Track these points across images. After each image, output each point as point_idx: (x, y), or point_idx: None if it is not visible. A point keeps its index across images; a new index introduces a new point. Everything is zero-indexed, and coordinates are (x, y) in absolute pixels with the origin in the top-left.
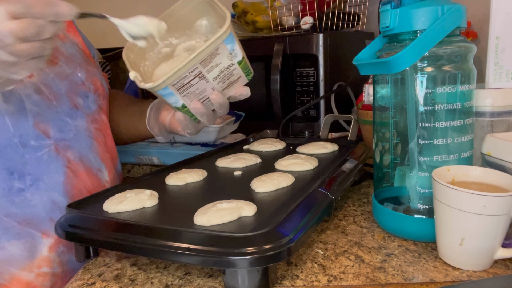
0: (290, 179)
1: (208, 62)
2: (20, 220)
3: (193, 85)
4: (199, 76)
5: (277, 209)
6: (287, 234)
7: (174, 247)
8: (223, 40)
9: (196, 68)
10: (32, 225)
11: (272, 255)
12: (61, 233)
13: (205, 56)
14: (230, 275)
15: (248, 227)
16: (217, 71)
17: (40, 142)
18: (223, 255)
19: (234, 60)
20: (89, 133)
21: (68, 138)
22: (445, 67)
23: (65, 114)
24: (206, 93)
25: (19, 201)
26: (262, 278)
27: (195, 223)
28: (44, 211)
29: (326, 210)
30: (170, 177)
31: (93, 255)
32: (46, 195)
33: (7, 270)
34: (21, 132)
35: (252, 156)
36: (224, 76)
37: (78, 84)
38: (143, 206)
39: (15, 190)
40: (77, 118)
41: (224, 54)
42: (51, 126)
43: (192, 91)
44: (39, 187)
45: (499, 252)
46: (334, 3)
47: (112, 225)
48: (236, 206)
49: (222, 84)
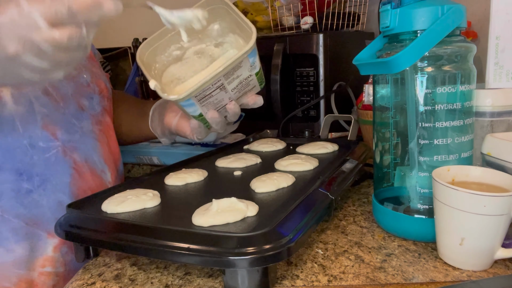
0: (290, 179)
1: (231, 74)
2: (28, 221)
3: (213, 96)
4: (220, 87)
5: (277, 209)
6: (287, 234)
7: (174, 247)
8: (248, 55)
9: (219, 80)
10: (39, 225)
11: (272, 255)
12: (61, 232)
13: (229, 69)
14: (230, 275)
15: (248, 227)
16: (237, 82)
17: (48, 144)
18: (222, 255)
19: (253, 72)
20: (93, 135)
21: (74, 140)
22: (445, 67)
23: (71, 115)
24: (223, 103)
25: (27, 202)
26: (262, 278)
27: (194, 224)
28: (51, 211)
29: (326, 210)
30: (169, 177)
31: (92, 255)
32: (53, 196)
33: (15, 273)
34: (30, 133)
35: (252, 156)
36: (242, 87)
37: (83, 86)
38: (144, 206)
39: (23, 191)
40: (83, 120)
41: (246, 67)
42: (58, 128)
43: (211, 101)
44: (47, 188)
45: (499, 252)
46: (334, 3)
47: (112, 225)
48: (239, 207)
49: (238, 94)
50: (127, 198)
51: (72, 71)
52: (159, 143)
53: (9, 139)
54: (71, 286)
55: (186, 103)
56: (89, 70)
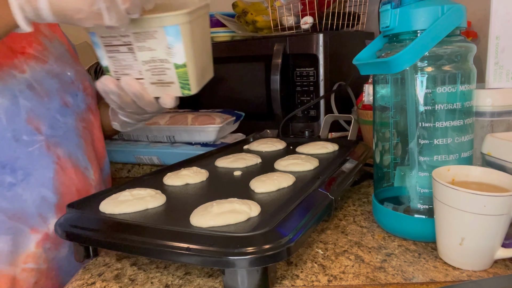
0: (290, 179)
1: (142, 39)
2: (10, 215)
3: (120, 52)
4: (129, 47)
5: (277, 209)
6: (286, 234)
7: (174, 247)
8: (164, 27)
9: (128, 36)
10: (22, 220)
11: (272, 255)
12: (61, 233)
13: (139, 30)
14: (229, 275)
15: (248, 227)
16: (149, 56)
17: (32, 138)
18: (222, 255)
19: (171, 59)
20: (77, 132)
21: (58, 135)
22: (445, 67)
23: (55, 111)
24: (132, 72)
25: (10, 195)
26: (262, 278)
27: (193, 224)
28: (34, 206)
29: (326, 210)
30: (168, 177)
31: (92, 255)
32: (36, 191)
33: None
34: (14, 126)
35: (252, 156)
36: (155, 69)
37: (68, 83)
38: (145, 207)
39: (6, 185)
40: (67, 116)
41: (161, 44)
42: (42, 123)
43: (118, 59)
44: (30, 182)
45: (499, 252)
46: (334, 3)
47: (113, 225)
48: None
49: (151, 76)
50: (128, 198)
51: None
52: (159, 143)
53: None
54: (71, 286)
55: (93, 39)
56: (73, 69)
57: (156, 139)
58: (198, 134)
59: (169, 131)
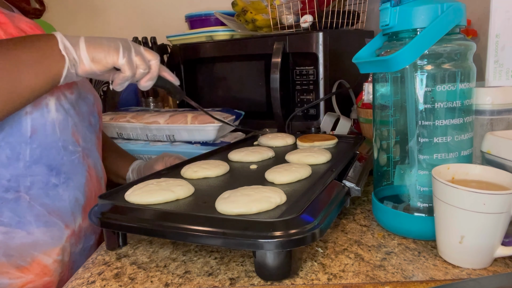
0: (308, 170)
1: None
2: (50, 211)
3: None
4: None
5: (300, 197)
6: (311, 220)
7: (210, 232)
8: None
9: None
10: (59, 216)
11: (299, 239)
12: (96, 220)
13: None
14: (260, 257)
15: (276, 214)
16: None
17: (74, 148)
18: (256, 238)
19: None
20: (97, 147)
21: (88, 148)
22: (445, 65)
23: (86, 128)
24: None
25: (52, 194)
26: (287, 260)
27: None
28: (69, 205)
29: (343, 198)
30: (187, 169)
31: (122, 244)
32: (72, 193)
33: (30, 253)
34: (64, 138)
35: (266, 149)
36: None
37: (90, 105)
38: (176, 197)
39: (51, 185)
40: (92, 133)
41: None
42: (80, 136)
43: None
44: (69, 185)
45: (498, 250)
46: (333, 2)
47: (149, 213)
48: (269, 195)
49: None
50: (156, 187)
51: None
52: (158, 142)
53: (48, 140)
54: (71, 285)
55: None
56: (92, 93)
57: (156, 139)
58: (198, 133)
59: (169, 131)
